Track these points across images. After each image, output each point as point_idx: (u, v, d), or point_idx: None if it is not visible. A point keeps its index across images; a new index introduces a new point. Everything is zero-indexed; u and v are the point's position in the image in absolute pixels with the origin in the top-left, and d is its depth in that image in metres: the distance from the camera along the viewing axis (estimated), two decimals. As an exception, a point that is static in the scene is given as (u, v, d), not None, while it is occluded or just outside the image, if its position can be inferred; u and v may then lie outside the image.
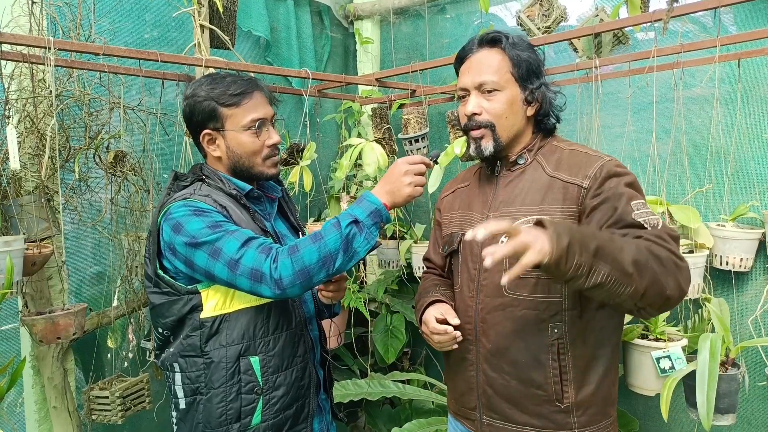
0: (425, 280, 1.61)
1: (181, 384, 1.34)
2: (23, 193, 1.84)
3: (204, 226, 1.24)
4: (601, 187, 1.28)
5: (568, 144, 1.42)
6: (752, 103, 2.20)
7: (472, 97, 1.37)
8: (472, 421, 1.44)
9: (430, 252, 1.66)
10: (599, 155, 1.34)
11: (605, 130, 2.42)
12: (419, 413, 2.66)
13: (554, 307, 1.31)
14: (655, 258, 1.13)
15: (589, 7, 2.50)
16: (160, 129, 2.12)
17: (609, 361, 1.35)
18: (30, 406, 1.99)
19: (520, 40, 1.38)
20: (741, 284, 2.21)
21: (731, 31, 2.24)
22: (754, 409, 2.27)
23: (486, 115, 1.35)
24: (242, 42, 2.76)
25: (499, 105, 1.35)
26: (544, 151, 1.40)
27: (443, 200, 1.62)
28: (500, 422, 1.37)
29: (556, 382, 1.31)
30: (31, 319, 1.73)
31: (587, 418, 1.31)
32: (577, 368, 1.31)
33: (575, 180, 1.31)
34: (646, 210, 1.24)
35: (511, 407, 1.35)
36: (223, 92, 1.36)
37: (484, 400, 1.39)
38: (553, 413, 1.31)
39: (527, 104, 1.37)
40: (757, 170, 2.19)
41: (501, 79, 1.34)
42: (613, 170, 1.29)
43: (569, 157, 1.37)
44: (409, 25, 3.27)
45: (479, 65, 1.36)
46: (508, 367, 1.34)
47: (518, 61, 1.35)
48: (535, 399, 1.32)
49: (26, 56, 1.71)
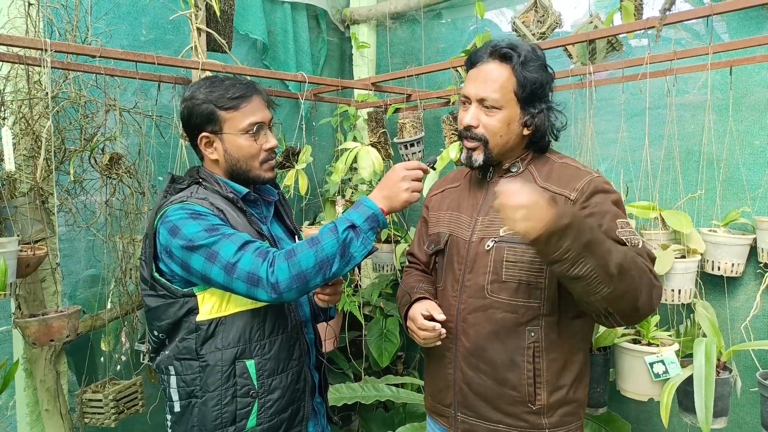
0: (408, 275, 1.64)
1: (176, 387, 1.34)
2: (18, 195, 1.83)
3: (201, 229, 1.24)
4: (587, 201, 1.32)
5: (559, 157, 1.45)
6: (744, 110, 2.22)
7: (472, 108, 1.39)
8: (447, 418, 1.48)
9: (414, 247, 1.68)
10: (588, 171, 1.38)
11: (599, 136, 2.43)
12: (413, 417, 2.66)
13: (533, 312, 1.35)
14: (637, 269, 1.19)
15: (584, 13, 2.53)
16: (155, 131, 2.12)
17: (581, 366, 1.40)
18: (22, 409, 1.98)
19: (534, 56, 1.35)
20: (732, 289, 2.23)
21: (723, 39, 2.27)
22: (744, 413, 2.29)
23: (482, 130, 1.37)
24: (239, 45, 2.77)
25: (496, 123, 1.36)
26: (536, 162, 1.44)
27: (432, 198, 1.65)
28: (474, 419, 1.41)
29: (530, 384, 1.35)
30: (24, 322, 1.73)
31: (557, 419, 1.36)
32: (550, 372, 1.36)
33: (563, 191, 1.34)
34: (629, 230, 1.29)
35: (485, 405, 1.39)
36: (222, 95, 1.36)
37: (460, 398, 1.43)
38: (525, 414, 1.36)
39: (525, 126, 1.38)
40: (748, 176, 2.21)
41: (503, 98, 1.34)
42: (601, 186, 1.34)
43: (559, 169, 1.40)
44: (405, 30, 3.28)
45: (485, 79, 1.36)
46: (485, 367, 1.38)
47: (524, 82, 1.34)
48: (509, 399, 1.36)
49: (22, 58, 1.71)
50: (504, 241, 1.36)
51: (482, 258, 1.39)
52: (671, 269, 1.95)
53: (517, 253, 1.34)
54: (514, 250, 1.35)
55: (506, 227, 1.23)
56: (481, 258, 1.39)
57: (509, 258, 1.35)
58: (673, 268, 1.95)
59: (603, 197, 1.32)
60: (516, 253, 1.34)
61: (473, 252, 1.41)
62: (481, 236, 1.40)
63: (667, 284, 1.99)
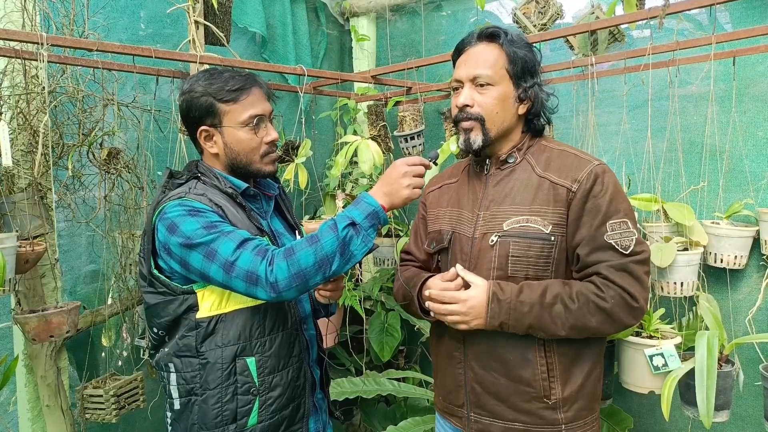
0: (407, 270, 1.59)
1: (176, 384, 1.33)
2: (16, 191, 1.82)
3: (199, 226, 1.23)
4: (588, 195, 1.31)
5: (557, 144, 1.43)
6: (747, 101, 2.21)
7: (465, 89, 1.38)
8: (460, 418, 1.46)
9: (411, 245, 1.65)
10: (589, 158, 1.36)
11: (601, 128, 2.42)
12: (414, 411, 2.66)
13: None
14: (598, 311, 1.27)
15: (585, 4, 2.50)
16: (154, 126, 2.10)
17: (594, 358, 1.38)
18: (23, 405, 1.98)
19: (519, 37, 1.39)
20: (735, 282, 2.22)
21: (726, 29, 2.25)
22: (747, 406, 2.28)
23: (477, 108, 1.36)
24: (238, 38, 2.75)
25: (491, 99, 1.35)
26: (533, 151, 1.42)
27: (429, 195, 1.62)
28: (488, 419, 1.39)
29: (544, 379, 1.33)
30: (23, 318, 1.72)
31: (573, 414, 1.34)
32: (562, 365, 1.34)
33: (564, 182, 1.33)
34: (620, 231, 1.29)
35: (499, 404, 1.37)
36: (221, 88, 1.34)
37: (473, 398, 1.41)
38: (541, 409, 1.34)
39: (519, 102, 1.38)
40: (751, 168, 2.20)
41: (495, 74, 1.35)
42: (601, 176, 1.32)
43: (559, 157, 1.38)
44: (405, 22, 3.26)
45: (476, 58, 1.37)
46: (496, 365, 1.36)
47: (514, 58, 1.35)
48: (524, 395, 1.34)
49: (19, 52, 1.69)
50: (508, 236, 1.34)
51: (486, 253, 1.36)
52: (674, 262, 1.94)
53: (523, 248, 1.33)
54: (519, 245, 1.33)
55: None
56: (485, 253, 1.37)
57: (515, 253, 1.33)
58: (676, 261, 1.94)
59: (601, 190, 1.31)
60: (521, 248, 1.33)
61: (477, 248, 1.39)
62: (484, 231, 1.38)
63: (669, 277, 1.97)
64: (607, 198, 1.30)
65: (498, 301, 1.29)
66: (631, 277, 1.27)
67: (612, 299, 1.26)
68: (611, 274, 1.27)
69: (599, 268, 1.29)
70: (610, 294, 1.26)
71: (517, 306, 1.28)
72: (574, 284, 1.30)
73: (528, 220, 1.33)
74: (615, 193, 1.32)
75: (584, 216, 1.30)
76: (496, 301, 1.29)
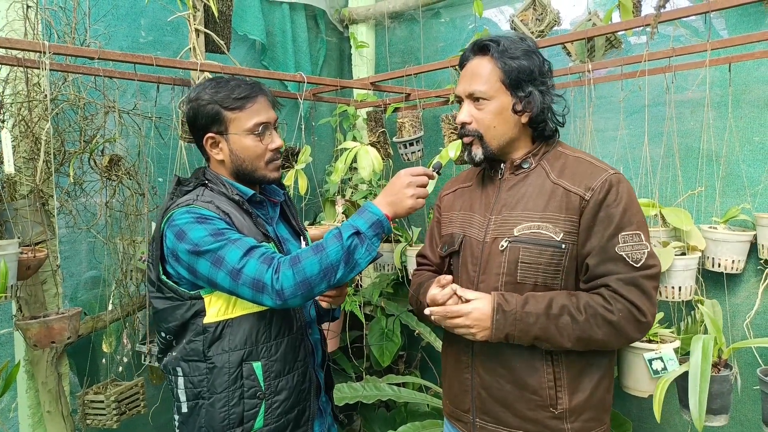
0: (419, 276, 1.60)
1: (183, 388, 1.35)
2: (18, 197, 1.83)
3: (207, 234, 1.24)
4: (601, 204, 1.28)
5: (573, 151, 1.42)
6: (743, 106, 2.22)
7: (464, 106, 1.39)
8: (465, 424, 1.45)
9: (426, 248, 1.64)
10: (604, 167, 1.34)
11: (598, 134, 2.43)
12: (414, 416, 2.66)
13: None
14: (605, 324, 1.25)
15: (582, 11, 2.52)
16: (155, 133, 2.12)
17: (604, 368, 1.36)
18: (24, 411, 1.98)
19: (513, 45, 1.35)
20: (733, 286, 2.23)
21: (722, 35, 2.27)
22: (746, 410, 2.29)
23: (475, 125, 1.37)
24: (238, 46, 2.76)
25: (487, 115, 1.36)
26: (548, 157, 1.40)
27: (444, 198, 1.61)
28: (493, 425, 1.38)
29: (551, 387, 1.31)
30: (25, 324, 1.73)
31: (581, 425, 1.32)
32: (570, 374, 1.32)
33: (578, 190, 1.31)
34: (632, 243, 1.27)
35: (504, 411, 1.35)
36: (227, 96, 1.36)
37: (478, 403, 1.40)
38: (547, 419, 1.32)
39: (519, 113, 1.36)
40: (748, 173, 2.21)
41: (490, 89, 1.34)
42: (616, 185, 1.30)
43: (574, 164, 1.36)
44: (404, 29, 3.28)
45: (471, 74, 1.37)
46: (502, 371, 1.35)
47: (508, 69, 1.33)
48: (530, 403, 1.33)
49: (21, 60, 1.71)
50: (519, 241, 1.32)
51: (496, 258, 1.35)
52: (671, 266, 1.95)
53: (533, 254, 1.31)
54: (529, 251, 1.31)
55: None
56: (495, 258, 1.35)
57: (524, 259, 1.31)
58: (674, 266, 1.95)
59: (615, 199, 1.28)
60: (531, 254, 1.31)
61: (486, 252, 1.37)
62: (494, 236, 1.37)
63: (667, 281, 1.99)
64: (621, 208, 1.28)
65: (503, 312, 1.27)
66: (639, 291, 1.25)
67: (620, 312, 1.24)
68: (620, 287, 1.25)
69: (608, 281, 1.26)
70: (618, 307, 1.24)
71: (523, 317, 1.26)
72: (581, 296, 1.28)
73: (539, 226, 1.31)
74: (629, 203, 1.29)
75: (596, 225, 1.28)
76: (501, 312, 1.27)
